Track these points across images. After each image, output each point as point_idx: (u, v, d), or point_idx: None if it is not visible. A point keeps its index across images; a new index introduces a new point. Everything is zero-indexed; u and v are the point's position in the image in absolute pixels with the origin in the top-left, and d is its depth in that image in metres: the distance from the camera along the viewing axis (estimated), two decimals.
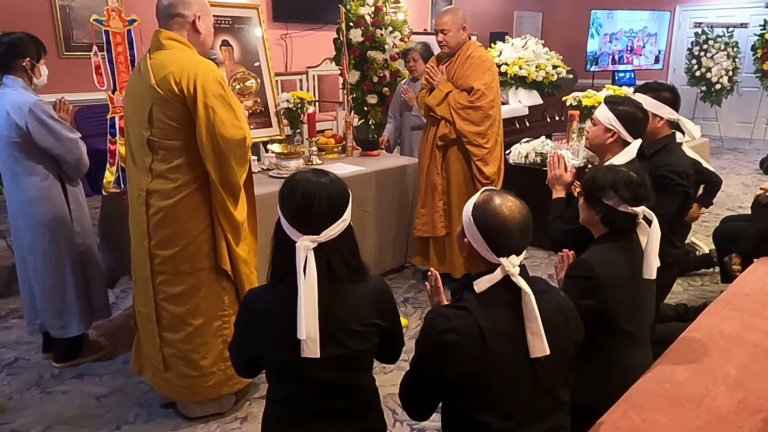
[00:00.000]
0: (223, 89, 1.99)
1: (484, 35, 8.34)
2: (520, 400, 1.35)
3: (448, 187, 3.34)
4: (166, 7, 2.04)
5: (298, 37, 6.94)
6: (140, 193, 2.07)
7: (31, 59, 2.49)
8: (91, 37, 3.14)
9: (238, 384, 2.31)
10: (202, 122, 1.94)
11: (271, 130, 3.78)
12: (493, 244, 1.35)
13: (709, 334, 2.02)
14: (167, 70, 1.94)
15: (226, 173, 2.04)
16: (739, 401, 1.64)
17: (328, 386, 1.40)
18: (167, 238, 2.07)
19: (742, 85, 8.25)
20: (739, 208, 5.02)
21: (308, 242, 1.33)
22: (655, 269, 1.76)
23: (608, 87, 4.94)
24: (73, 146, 2.49)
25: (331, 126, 6.58)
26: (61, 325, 2.62)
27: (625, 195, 1.75)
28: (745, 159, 7.35)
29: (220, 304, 2.19)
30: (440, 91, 3.21)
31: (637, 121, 2.24)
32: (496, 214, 1.34)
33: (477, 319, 1.31)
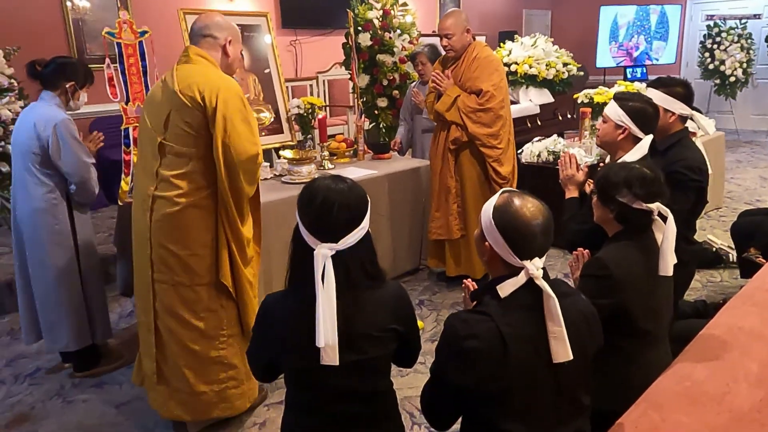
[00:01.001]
0: (244, 105, 2.05)
1: (493, 34, 8.31)
2: (542, 406, 1.33)
3: (462, 189, 3.33)
4: (201, 28, 2.14)
5: (308, 42, 6.98)
6: (145, 198, 2.07)
7: (76, 84, 2.59)
8: (104, 50, 3.18)
9: (230, 410, 2.25)
10: (219, 133, 1.98)
11: (283, 136, 3.81)
12: (516, 248, 1.32)
13: (729, 331, 1.99)
14: (192, 79, 2.01)
15: (235, 186, 2.06)
16: (762, 398, 1.61)
17: (346, 392, 1.40)
18: (168, 246, 2.05)
19: (757, 76, 8.14)
20: (757, 202, 4.95)
21: (326, 250, 1.33)
22: (672, 266, 1.73)
23: (620, 83, 4.90)
24: (83, 168, 2.51)
25: (342, 130, 6.60)
26: (54, 337, 2.63)
27: (639, 192, 1.73)
28: (762, 152, 7.25)
29: (218, 323, 2.15)
30: (448, 97, 3.20)
31: (648, 116, 2.21)
32: (518, 217, 1.31)
33: (498, 325, 1.29)
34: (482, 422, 1.38)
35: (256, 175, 2.12)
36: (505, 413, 1.33)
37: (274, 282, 2.98)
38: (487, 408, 1.35)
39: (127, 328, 3.08)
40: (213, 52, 2.14)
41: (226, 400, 2.22)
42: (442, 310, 3.27)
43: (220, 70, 2.13)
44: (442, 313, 3.22)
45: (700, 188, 2.41)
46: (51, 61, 2.56)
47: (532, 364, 1.30)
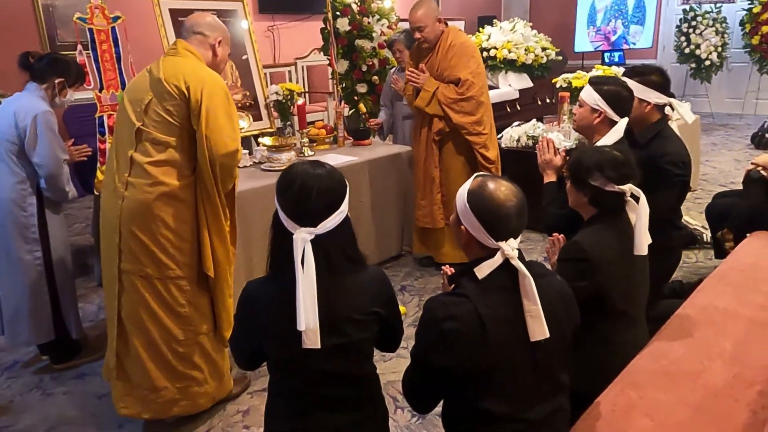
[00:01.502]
0: (228, 101, 2.05)
1: (472, 19, 8.29)
2: (521, 385, 1.36)
3: (446, 179, 3.34)
4: (192, 25, 2.16)
5: (285, 28, 6.89)
6: (117, 186, 2.03)
7: (65, 81, 2.55)
8: (76, 36, 3.11)
9: (191, 408, 2.21)
10: (202, 125, 1.97)
11: (262, 123, 3.77)
12: (491, 229, 1.35)
13: (703, 310, 2.04)
14: (179, 70, 2.02)
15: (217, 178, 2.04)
16: (735, 375, 1.66)
17: (329, 376, 1.40)
18: (137, 236, 2.00)
19: (732, 60, 8.25)
20: (731, 184, 5.03)
21: (305, 234, 1.34)
22: (646, 246, 1.77)
23: (598, 68, 4.93)
24: (54, 162, 2.46)
25: (322, 117, 6.55)
26: (14, 331, 2.59)
27: (611, 174, 1.76)
28: (737, 134, 7.37)
29: (186, 319, 2.11)
30: (426, 92, 3.16)
31: (623, 99, 2.25)
32: (492, 199, 1.34)
33: (476, 306, 1.32)
34: (463, 403, 1.40)
35: (233, 171, 2.09)
36: (486, 393, 1.35)
37: (255, 270, 2.97)
38: (468, 388, 1.37)
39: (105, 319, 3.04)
40: (201, 50, 2.15)
41: (188, 397, 2.18)
42: (424, 295, 3.29)
43: (206, 66, 2.13)
44: (425, 298, 3.24)
45: (684, 182, 2.47)
46: (46, 55, 2.56)
47: (511, 343, 1.33)
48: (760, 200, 2.84)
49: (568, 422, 1.49)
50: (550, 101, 6.00)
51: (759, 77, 7.80)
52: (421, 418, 2.24)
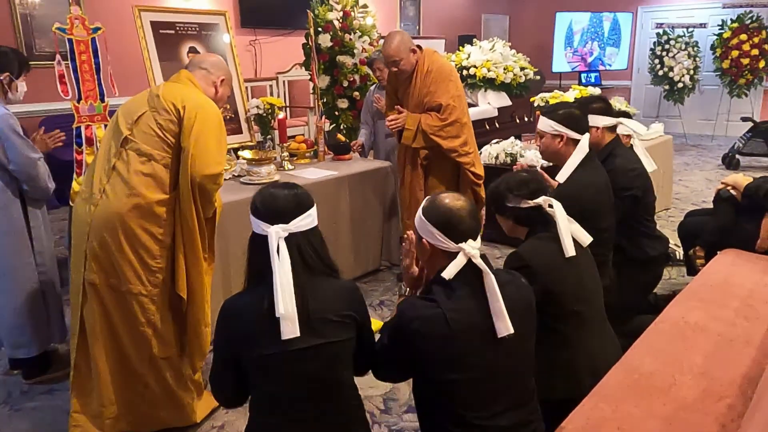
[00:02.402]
0: (219, 128, 2.09)
1: (452, 38, 8.42)
2: (492, 389, 1.42)
3: None
4: (199, 61, 2.28)
5: (267, 42, 6.92)
6: (93, 193, 2.00)
7: (11, 74, 2.47)
8: (54, 46, 3.09)
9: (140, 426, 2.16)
10: (191, 143, 1.99)
11: (242, 137, 3.77)
12: (448, 232, 1.45)
13: (675, 325, 2.08)
14: (178, 92, 2.08)
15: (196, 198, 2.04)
16: (704, 389, 1.69)
17: (310, 385, 1.41)
18: (106, 243, 1.96)
19: (703, 83, 8.50)
20: (702, 203, 5.16)
21: (279, 230, 1.41)
22: (572, 247, 1.86)
23: (575, 87, 5.04)
24: (29, 164, 2.40)
25: (303, 131, 6.57)
26: (16, 344, 2.54)
27: (522, 192, 1.90)
28: (708, 155, 7.57)
29: (137, 337, 2.05)
30: (410, 131, 3.13)
31: (577, 117, 2.41)
32: (443, 205, 1.48)
33: (444, 310, 1.39)
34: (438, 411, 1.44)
35: (213, 195, 2.08)
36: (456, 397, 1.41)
37: (234, 286, 2.95)
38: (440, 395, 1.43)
39: None
40: (203, 84, 2.22)
41: (135, 415, 2.13)
42: None
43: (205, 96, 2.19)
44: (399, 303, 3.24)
45: (632, 196, 2.63)
46: None
47: (477, 346, 1.40)
48: (730, 219, 2.92)
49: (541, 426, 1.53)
50: (528, 120, 6.10)
51: (729, 100, 8.04)
52: None
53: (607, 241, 2.50)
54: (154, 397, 2.13)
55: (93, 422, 2.09)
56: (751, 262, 2.65)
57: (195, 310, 2.13)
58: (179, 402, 2.18)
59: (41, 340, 2.58)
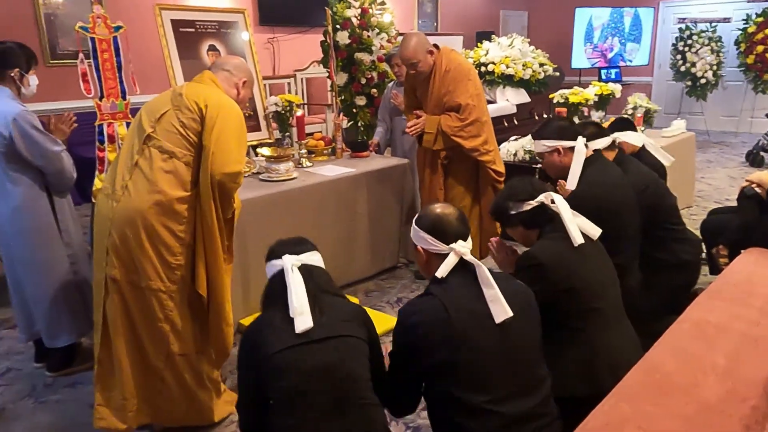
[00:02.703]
0: (241, 128, 2.11)
1: (471, 34, 8.37)
2: (496, 373, 1.47)
3: (449, 200, 3.33)
4: (223, 63, 2.30)
5: (285, 40, 6.94)
6: (115, 188, 2.02)
7: (21, 70, 2.48)
8: (77, 45, 3.14)
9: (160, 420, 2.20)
10: (212, 141, 2.01)
11: (260, 134, 3.79)
12: (438, 235, 1.58)
13: (697, 325, 2.05)
14: (201, 92, 2.11)
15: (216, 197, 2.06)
16: (728, 390, 1.66)
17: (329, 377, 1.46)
18: (127, 240, 1.99)
19: (727, 79, 8.34)
20: (726, 201, 5.07)
21: (293, 258, 1.59)
22: (579, 235, 1.88)
23: (594, 84, 4.98)
24: (55, 158, 2.45)
25: (320, 128, 6.59)
26: (53, 334, 2.61)
27: (521, 196, 1.96)
28: (732, 152, 7.43)
29: (155, 333, 2.08)
30: (430, 134, 3.13)
31: (563, 127, 2.47)
32: (433, 214, 1.62)
33: (441, 300, 1.50)
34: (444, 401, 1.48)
35: (232, 194, 2.09)
36: (461, 382, 1.45)
37: (252, 284, 2.97)
38: (444, 379, 1.48)
39: None
40: (225, 85, 2.24)
41: (155, 410, 2.16)
42: None
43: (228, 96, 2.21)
44: None
45: None
46: None
47: (477, 330, 1.48)
48: (754, 217, 2.86)
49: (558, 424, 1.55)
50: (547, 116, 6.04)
51: (754, 96, 7.89)
52: (416, 431, 2.24)
53: (632, 239, 2.46)
54: (171, 393, 2.16)
55: (116, 415, 2.12)
56: None
57: (216, 308, 2.15)
58: (197, 400, 2.20)
59: (79, 328, 2.65)
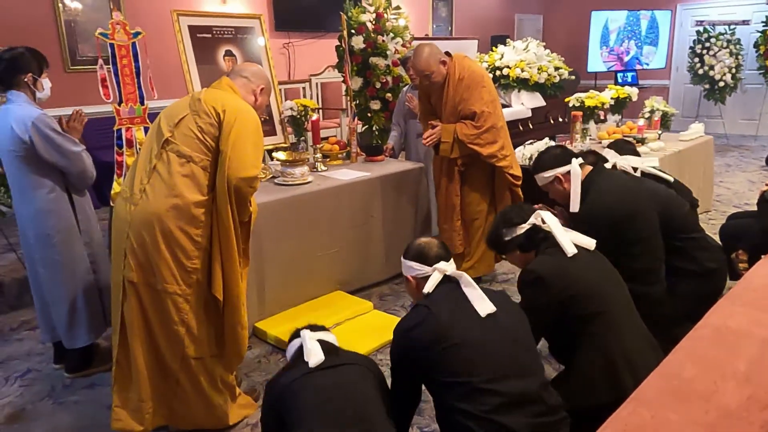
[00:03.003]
0: (258, 133, 2.13)
1: (486, 38, 8.36)
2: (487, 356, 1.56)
3: (465, 206, 3.33)
4: (241, 70, 2.33)
5: (301, 45, 6.99)
6: (133, 192, 2.05)
7: (33, 74, 2.51)
8: (97, 51, 3.18)
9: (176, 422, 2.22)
10: (229, 146, 2.03)
11: (276, 138, 3.81)
12: (422, 261, 1.77)
13: (717, 331, 2.01)
14: (220, 97, 2.14)
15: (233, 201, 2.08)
16: (749, 396, 1.63)
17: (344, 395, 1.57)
18: (145, 244, 2.01)
19: (746, 82, 8.23)
20: (745, 205, 5.00)
21: (311, 333, 1.75)
22: (571, 246, 1.94)
23: (611, 87, 4.94)
24: (77, 159, 2.49)
25: (335, 133, 6.61)
26: (72, 335, 2.64)
27: (515, 220, 2.06)
28: (751, 156, 7.33)
29: (171, 336, 2.10)
30: (446, 143, 3.14)
31: (554, 155, 2.47)
32: (416, 245, 1.83)
33: (426, 306, 1.66)
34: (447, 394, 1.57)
35: (248, 198, 2.10)
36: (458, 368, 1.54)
37: (267, 287, 2.99)
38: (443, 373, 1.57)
39: None
40: (243, 91, 2.27)
41: (170, 412, 2.19)
42: None
43: None
44: None
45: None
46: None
47: (464, 320, 1.61)
48: None
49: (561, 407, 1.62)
50: (563, 120, 6.01)
51: None
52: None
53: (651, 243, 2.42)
54: (186, 396, 2.18)
55: (133, 416, 2.14)
56: None
57: (231, 311, 2.16)
58: (211, 403, 2.21)
59: (97, 329, 2.69)
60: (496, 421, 1.49)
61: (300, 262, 3.17)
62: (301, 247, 3.16)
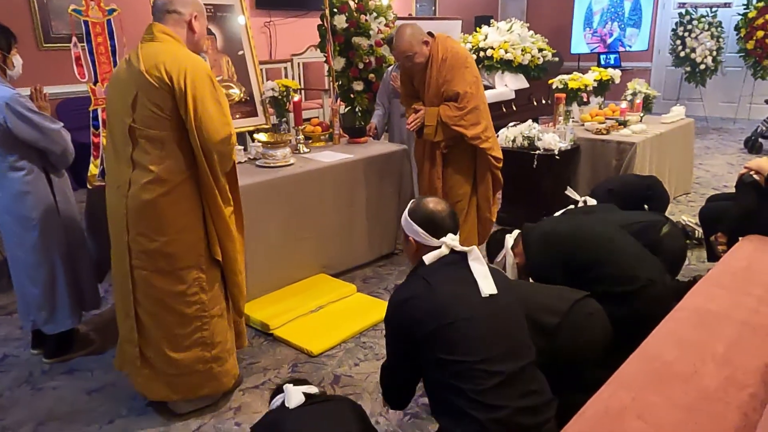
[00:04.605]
0: (213, 85, 2.01)
1: (469, 19, 8.29)
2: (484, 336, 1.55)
3: (447, 189, 3.30)
4: (164, 4, 2.08)
5: (282, 24, 6.87)
6: (120, 184, 2.03)
7: (2, 51, 2.43)
8: (71, 28, 3.08)
9: (217, 387, 2.28)
10: (191, 116, 1.95)
11: (257, 119, 3.75)
12: (431, 230, 1.69)
13: (696, 313, 2.05)
14: (159, 59, 1.96)
15: (212, 168, 2.05)
16: (727, 377, 1.66)
17: None
18: (146, 233, 2.03)
19: (726, 64, 8.28)
20: (724, 188, 5.06)
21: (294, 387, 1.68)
22: None
23: (594, 69, 4.94)
24: (57, 137, 2.45)
25: (318, 114, 6.54)
26: (53, 319, 2.60)
27: None
28: (730, 138, 7.41)
29: (201, 305, 2.15)
30: (430, 126, 3.09)
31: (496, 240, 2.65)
32: (425, 206, 1.72)
33: (424, 277, 1.62)
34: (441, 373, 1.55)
35: (230, 156, 2.09)
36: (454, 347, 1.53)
37: (249, 267, 2.95)
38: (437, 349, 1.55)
39: (98, 313, 3.02)
40: (178, 29, 2.08)
41: (212, 379, 2.24)
42: None
43: (187, 49, 2.08)
44: None
45: None
46: None
47: (460, 296, 1.59)
48: (753, 204, 2.86)
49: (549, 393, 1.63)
50: (546, 102, 6.01)
51: (753, 82, 7.84)
52: (413, 417, 2.24)
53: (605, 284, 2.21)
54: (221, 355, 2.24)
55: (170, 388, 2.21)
56: None
57: (231, 265, 2.20)
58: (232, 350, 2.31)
59: (78, 313, 2.67)
60: (486, 402, 1.49)
61: (282, 246, 3.15)
62: (284, 230, 3.13)
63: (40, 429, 2.25)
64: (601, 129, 4.24)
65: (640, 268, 2.23)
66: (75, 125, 4.14)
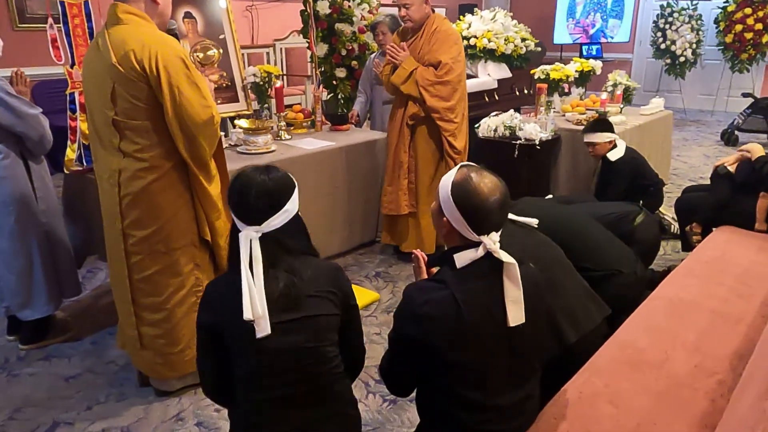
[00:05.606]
0: (187, 67, 1.96)
1: (453, 7, 8.27)
2: (496, 372, 1.37)
3: (415, 166, 3.33)
4: None
5: (264, 8, 6.78)
6: (111, 173, 2.03)
7: None
8: (46, 9, 3.02)
9: None
10: (169, 104, 1.93)
11: (238, 105, 3.71)
12: (473, 224, 1.34)
13: (669, 301, 2.09)
14: (128, 47, 1.90)
15: (196, 152, 2.04)
16: (696, 365, 1.71)
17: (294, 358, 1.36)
18: (141, 219, 2.05)
19: (705, 57, 8.39)
20: (700, 179, 5.15)
21: (252, 233, 1.36)
22: None
23: (576, 60, 4.97)
24: (35, 122, 2.41)
25: (300, 100, 6.49)
26: (30, 305, 2.57)
27: None
28: (707, 130, 7.53)
29: (196, 283, 2.20)
30: (404, 70, 3.16)
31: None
32: (476, 194, 1.34)
33: (453, 292, 1.32)
34: (438, 390, 1.41)
35: (216, 135, 2.08)
36: (462, 380, 1.36)
37: None
38: (444, 376, 1.37)
39: (76, 299, 2.99)
40: (141, 4, 1.98)
41: None
42: (398, 282, 3.31)
43: (154, 26, 2.01)
44: (399, 285, 3.26)
45: None
46: None
47: (487, 328, 1.33)
48: (726, 195, 2.92)
49: (537, 408, 1.52)
50: (528, 92, 6.03)
51: (731, 75, 7.96)
52: (392, 403, 2.27)
53: None
54: None
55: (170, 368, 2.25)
56: (746, 239, 2.66)
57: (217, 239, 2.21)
58: None
59: (56, 299, 2.65)
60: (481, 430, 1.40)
61: None
62: None
63: (17, 415, 2.24)
64: (581, 120, 4.28)
65: (609, 256, 2.27)
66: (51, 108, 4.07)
